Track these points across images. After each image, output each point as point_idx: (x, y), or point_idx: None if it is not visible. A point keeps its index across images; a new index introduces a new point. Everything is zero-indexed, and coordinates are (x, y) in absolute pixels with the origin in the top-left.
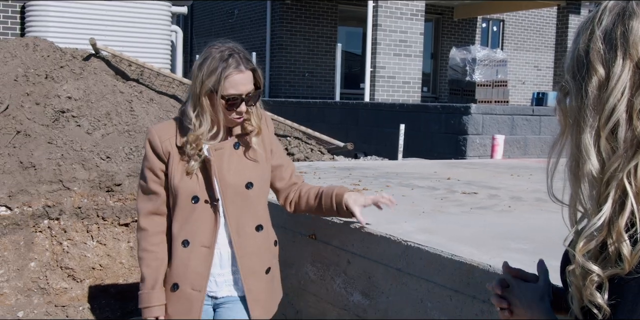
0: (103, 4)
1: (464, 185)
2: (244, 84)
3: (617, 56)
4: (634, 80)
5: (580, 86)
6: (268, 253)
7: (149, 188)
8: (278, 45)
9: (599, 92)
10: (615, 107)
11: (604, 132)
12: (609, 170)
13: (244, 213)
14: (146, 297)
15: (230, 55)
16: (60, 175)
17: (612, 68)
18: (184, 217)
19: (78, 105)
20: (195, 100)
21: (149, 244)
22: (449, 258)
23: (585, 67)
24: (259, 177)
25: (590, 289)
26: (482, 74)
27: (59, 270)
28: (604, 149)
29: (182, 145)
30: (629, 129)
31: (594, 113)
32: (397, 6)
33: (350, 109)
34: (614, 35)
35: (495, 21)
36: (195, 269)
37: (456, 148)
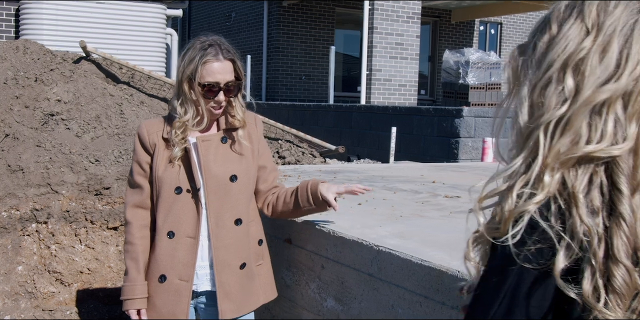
0: (97, 7)
1: (448, 188)
2: (222, 73)
3: (571, 15)
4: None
5: (531, 43)
6: (246, 249)
7: (135, 181)
8: (275, 48)
9: (546, 49)
10: (552, 63)
11: (537, 87)
12: (530, 125)
13: (224, 205)
14: (129, 289)
15: (210, 45)
16: (49, 178)
17: (563, 25)
18: (167, 208)
19: (68, 108)
20: (178, 88)
21: (133, 237)
22: (419, 263)
23: (542, 26)
24: (243, 172)
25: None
26: (476, 77)
27: (46, 274)
28: (535, 104)
29: (168, 137)
30: (558, 86)
31: (535, 68)
32: (393, 9)
33: (344, 112)
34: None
35: (492, 24)
36: (181, 259)
37: (448, 151)
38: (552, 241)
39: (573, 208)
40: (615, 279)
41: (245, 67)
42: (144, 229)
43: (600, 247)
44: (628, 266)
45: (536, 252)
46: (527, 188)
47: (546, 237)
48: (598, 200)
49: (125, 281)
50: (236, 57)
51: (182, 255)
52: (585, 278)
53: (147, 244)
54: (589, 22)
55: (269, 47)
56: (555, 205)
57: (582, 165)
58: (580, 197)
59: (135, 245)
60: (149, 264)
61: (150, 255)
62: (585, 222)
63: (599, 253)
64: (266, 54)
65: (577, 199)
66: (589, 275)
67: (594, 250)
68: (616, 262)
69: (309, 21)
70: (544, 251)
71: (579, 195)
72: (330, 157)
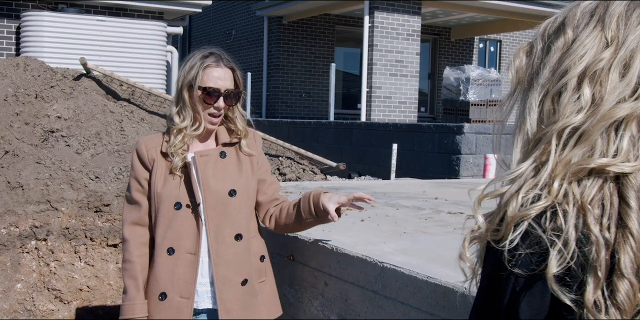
0: (98, 25)
1: (451, 205)
2: (222, 79)
3: (589, 23)
4: (599, 46)
5: (544, 46)
6: (247, 265)
7: (133, 198)
8: (275, 66)
9: (561, 54)
10: (568, 70)
11: (550, 93)
12: (540, 132)
13: (224, 220)
14: (129, 308)
15: (211, 53)
16: (48, 195)
17: (581, 32)
18: (167, 224)
19: (68, 125)
20: (177, 96)
21: (131, 255)
22: (425, 280)
23: (557, 29)
24: (243, 186)
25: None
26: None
27: (45, 291)
28: (546, 111)
29: (167, 151)
30: (573, 95)
31: (549, 74)
32: (393, 26)
33: (344, 129)
34: (593, 7)
35: (492, 41)
36: (182, 276)
37: (449, 168)
38: (544, 247)
39: (577, 217)
40: (618, 293)
41: (244, 78)
42: (142, 246)
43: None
44: (633, 282)
45: (526, 258)
46: (532, 193)
47: (538, 242)
48: (607, 211)
49: (124, 300)
50: (236, 66)
51: (183, 272)
52: (588, 289)
53: (145, 261)
54: (608, 33)
55: (269, 64)
56: (550, 212)
57: (593, 177)
58: (588, 207)
59: (133, 263)
60: (148, 282)
61: (150, 273)
62: (593, 232)
63: (603, 265)
64: (266, 71)
65: (585, 208)
66: (592, 286)
67: (600, 261)
68: (621, 277)
69: (309, 39)
70: (534, 257)
71: (587, 205)
72: (331, 174)
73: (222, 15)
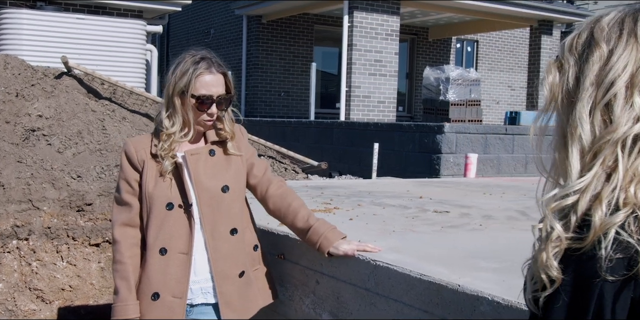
0: (77, 23)
1: (436, 203)
2: (215, 86)
3: (622, 35)
4: (637, 57)
5: (578, 60)
6: (243, 257)
7: (123, 199)
8: (254, 65)
9: (599, 67)
10: (614, 82)
11: (599, 105)
12: (599, 142)
13: (219, 216)
14: (121, 309)
15: (202, 58)
16: (30, 194)
17: (617, 44)
18: (158, 225)
19: (49, 124)
20: (167, 101)
21: (123, 256)
22: (418, 278)
23: (588, 43)
24: (234, 181)
25: (548, 254)
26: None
27: (27, 291)
28: (597, 121)
29: (156, 152)
30: (626, 104)
31: (593, 86)
32: (372, 26)
33: (325, 128)
34: (621, 20)
35: (469, 41)
36: (174, 276)
37: (430, 167)
38: (632, 251)
39: None
40: None
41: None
42: (133, 247)
43: None
44: None
45: (617, 263)
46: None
47: (625, 247)
48: None
49: (116, 301)
50: (227, 70)
51: (175, 272)
52: None
53: (137, 262)
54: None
55: (248, 63)
56: (632, 217)
57: None
58: None
59: (125, 264)
60: (140, 282)
61: (142, 273)
62: None
63: None
64: (245, 70)
65: None
66: None
67: None
68: None
69: (288, 38)
70: (624, 262)
71: None
72: (312, 173)
73: (201, 14)
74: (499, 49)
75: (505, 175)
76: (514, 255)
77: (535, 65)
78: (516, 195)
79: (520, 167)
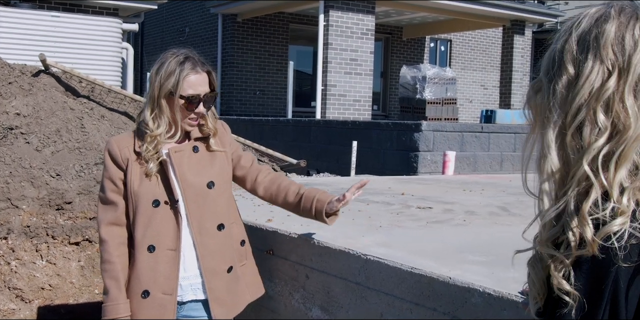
0: (53, 20)
1: (419, 200)
2: (201, 85)
3: (588, 57)
4: (603, 80)
5: (550, 84)
6: (231, 252)
7: (108, 198)
8: (229, 63)
9: (567, 91)
10: (581, 107)
11: (569, 130)
12: (574, 165)
13: (205, 212)
14: (112, 308)
15: (186, 58)
16: (9, 193)
17: (582, 68)
18: (146, 222)
19: (27, 122)
20: (153, 103)
21: (111, 255)
22: (409, 271)
23: (557, 66)
24: (219, 176)
25: (557, 277)
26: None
27: (6, 290)
28: (570, 146)
29: (140, 151)
30: (593, 128)
31: (560, 111)
32: (347, 25)
33: (303, 126)
34: (588, 38)
35: (442, 41)
36: (163, 273)
37: (408, 164)
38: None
39: None
40: None
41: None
42: (121, 246)
43: None
44: None
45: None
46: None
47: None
48: None
49: (106, 301)
50: (211, 69)
51: (164, 269)
52: None
53: (125, 261)
54: (608, 63)
55: (224, 62)
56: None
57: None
58: None
59: (113, 264)
60: (129, 281)
61: (130, 272)
62: None
63: None
64: (220, 69)
65: None
66: None
67: None
68: None
69: (263, 37)
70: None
71: None
72: (290, 171)
73: (176, 13)
74: (472, 49)
75: (481, 173)
76: (499, 248)
77: (507, 65)
78: (495, 191)
79: (496, 164)
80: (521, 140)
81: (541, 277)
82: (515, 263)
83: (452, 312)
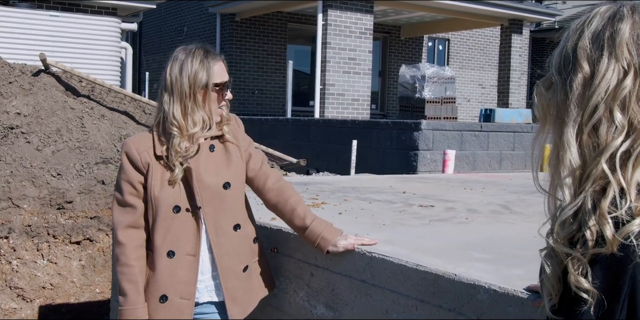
0: (52, 20)
1: (421, 198)
2: (225, 71)
3: (602, 55)
4: (619, 79)
5: (564, 82)
6: (246, 252)
7: (126, 201)
8: (228, 63)
9: (583, 89)
10: (598, 105)
11: (586, 128)
12: (590, 164)
13: (221, 214)
14: (130, 312)
15: (205, 50)
16: (10, 192)
17: (598, 66)
18: (166, 228)
19: (27, 122)
20: (185, 100)
21: (129, 258)
22: (414, 268)
23: (572, 64)
24: (234, 176)
25: (575, 275)
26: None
27: (7, 290)
28: (586, 144)
29: (161, 155)
30: (610, 126)
31: (578, 109)
32: (346, 24)
33: (302, 126)
34: (602, 36)
35: (440, 40)
36: (182, 278)
37: (407, 163)
38: None
39: None
40: None
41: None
42: (139, 249)
43: None
44: None
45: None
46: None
47: None
48: None
49: (123, 304)
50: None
51: (183, 274)
52: None
53: (143, 264)
54: (623, 62)
55: None
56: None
57: None
58: None
59: (132, 267)
60: (147, 285)
61: (149, 276)
62: None
63: None
64: None
65: None
66: None
67: None
68: None
69: (261, 36)
70: None
71: None
72: (289, 170)
73: (174, 12)
74: (470, 48)
75: (480, 171)
76: (502, 246)
77: (505, 64)
78: (496, 190)
79: (495, 163)
80: (520, 139)
81: (556, 273)
82: (519, 260)
83: (458, 308)
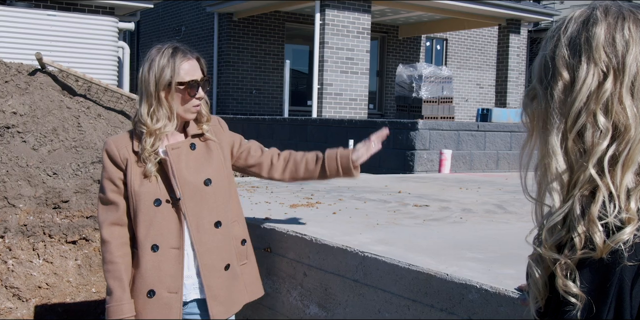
0: (49, 19)
1: (416, 198)
2: (196, 71)
3: (581, 61)
4: (599, 83)
5: (546, 90)
6: (229, 250)
7: (109, 198)
8: (225, 62)
9: (565, 96)
10: (581, 110)
11: (570, 135)
12: (577, 171)
13: (202, 210)
14: (117, 309)
15: (174, 48)
16: (5, 192)
17: (577, 72)
18: (148, 222)
19: (24, 121)
20: (150, 99)
21: (113, 256)
22: (406, 268)
23: (551, 72)
24: (216, 173)
25: (564, 280)
26: (428, 91)
27: (3, 289)
28: (572, 150)
29: (139, 151)
30: (595, 131)
31: (560, 116)
32: (343, 24)
33: (299, 125)
34: (578, 42)
35: (438, 40)
36: (168, 271)
37: (404, 163)
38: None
39: None
40: None
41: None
42: (124, 246)
43: None
44: None
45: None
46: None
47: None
48: None
49: (109, 301)
50: (199, 55)
51: (169, 267)
52: None
53: (128, 261)
54: (602, 65)
55: (220, 61)
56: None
57: None
58: None
59: (116, 264)
60: (133, 281)
61: (134, 272)
62: None
63: None
64: (217, 68)
65: None
66: None
67: None
68: None
69: (259, 35)
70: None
71: None
72: None
73: (172, 12)
74: (468, 48)
75: (477, 171)
76: (496, 246)
77: (503, 64)
78: (491, 189)
79: (492, 163)
80: (517, 138)
81: (543, 278)
82: (511, 260)
83: (450, 308)
